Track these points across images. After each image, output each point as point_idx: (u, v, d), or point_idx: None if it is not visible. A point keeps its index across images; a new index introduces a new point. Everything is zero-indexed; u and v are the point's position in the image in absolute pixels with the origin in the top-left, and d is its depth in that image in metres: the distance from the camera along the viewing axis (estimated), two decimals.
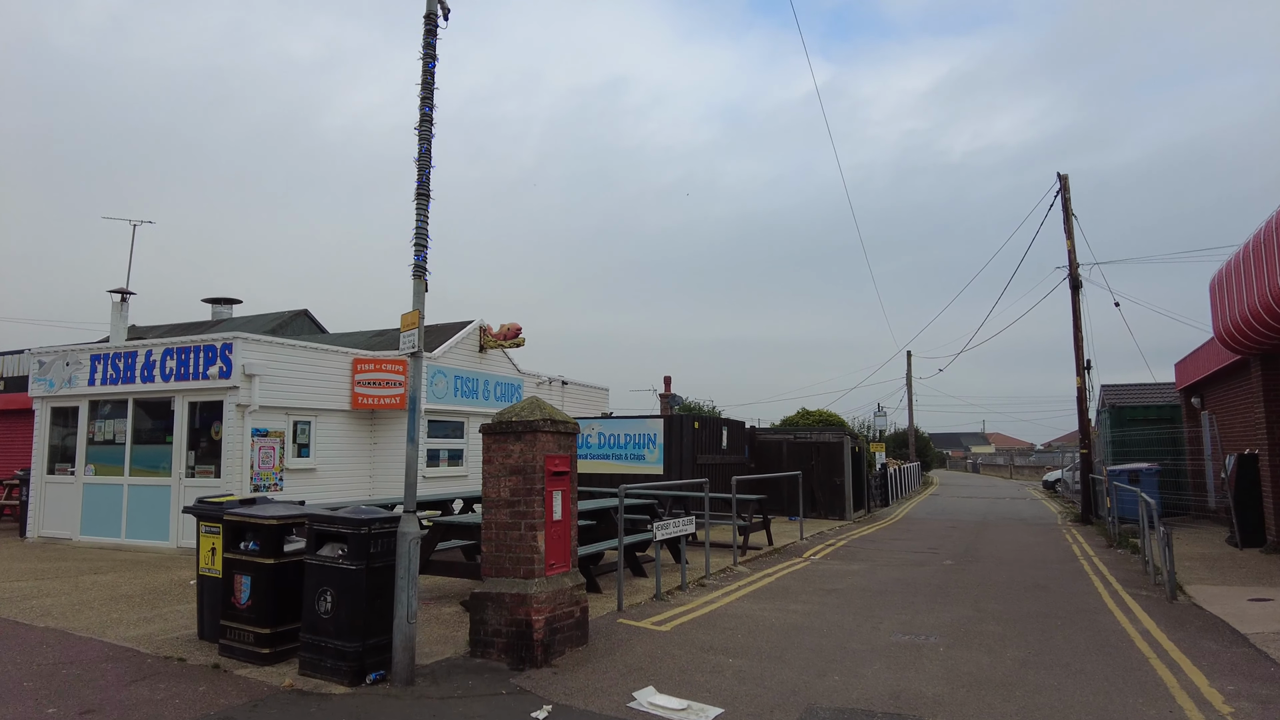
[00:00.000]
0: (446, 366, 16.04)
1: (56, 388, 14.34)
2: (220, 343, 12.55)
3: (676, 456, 17.14)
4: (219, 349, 12.56)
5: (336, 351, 14.47)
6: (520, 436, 6.73)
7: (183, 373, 12.86)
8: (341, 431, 14.56)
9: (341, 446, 14.52)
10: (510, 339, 16.94)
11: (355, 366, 14.74)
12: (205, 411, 12.89)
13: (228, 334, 12.51)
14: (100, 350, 13.88)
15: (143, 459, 13.44)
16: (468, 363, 16.86)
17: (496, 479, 6.80)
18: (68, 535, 14.00)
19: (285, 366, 13.23)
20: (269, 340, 12.99)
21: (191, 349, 12.82)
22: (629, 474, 17.59)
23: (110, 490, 13.60)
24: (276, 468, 13.09)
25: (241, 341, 12.47)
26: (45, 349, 14.62)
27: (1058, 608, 9.07)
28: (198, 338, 12.77)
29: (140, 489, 13.28)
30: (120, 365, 13.59)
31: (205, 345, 12.69)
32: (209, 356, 12.64)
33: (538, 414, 6.86)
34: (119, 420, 13.72)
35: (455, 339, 16.48)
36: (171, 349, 13.04)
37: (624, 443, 17.82)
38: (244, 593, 6.35)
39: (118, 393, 13.62)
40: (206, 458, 12.79)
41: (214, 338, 12.62)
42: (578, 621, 6.93)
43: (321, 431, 14.13)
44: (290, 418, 13.49)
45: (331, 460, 14.28)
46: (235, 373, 12.35)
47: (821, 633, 7.76)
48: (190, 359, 12.82)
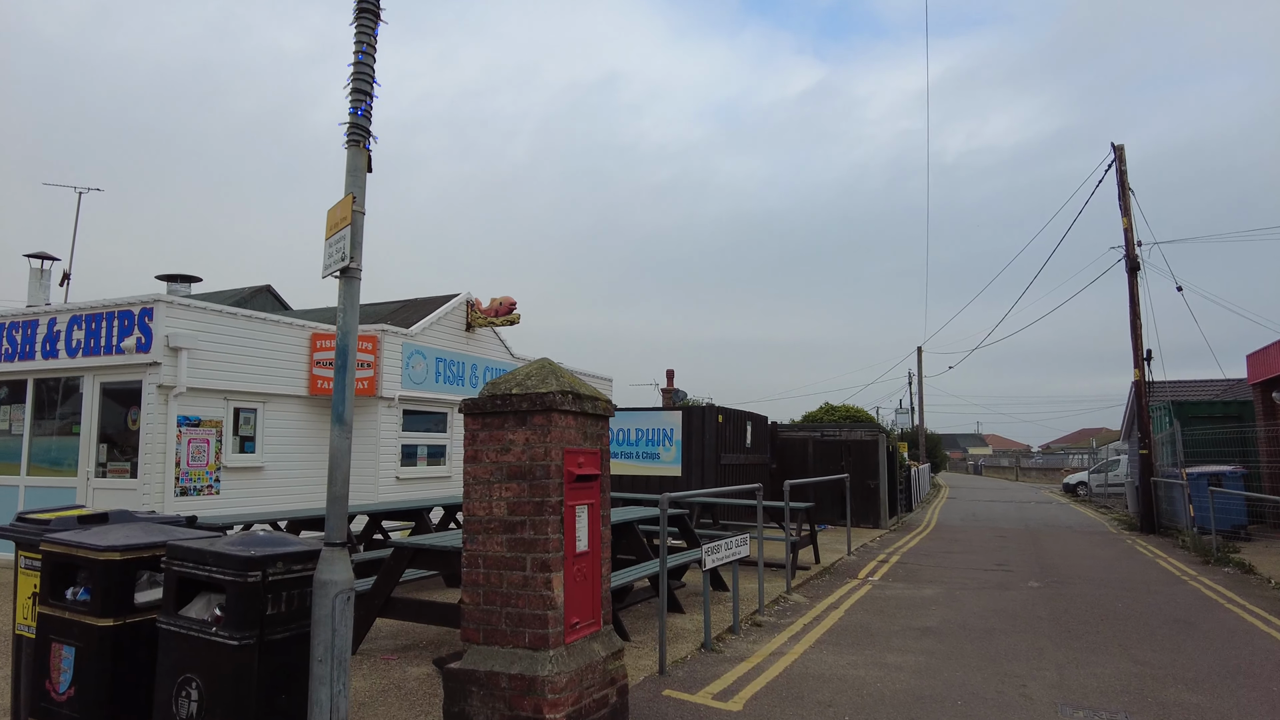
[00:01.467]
0: (426, 346, 13.49)
1: None
2: (139, 307, 9.95)
3: (697, 456, 14.66)
4: (136, 315, 9.96)
5: (290, 324, 11.88)
6: (525, 419, 4.27)
7: (93, 345, 10.25)
8: (296, 422, 11.98)
9: (296, 440, 11.94)
10: (504, 315, 14.40)
11: (314, 343, 12.16)
12: (122, 396, 10.28)
13: (146, 296, 9.92)
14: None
15: (44, 454, 10.82)
16: (452, 342, 14.31)
17: (486, 487, 4.33)
18: None
19: (223, 340, 10.65)
20: (201, 306, 10.41)
21: (103, 315, 10.21)
22: (640, 476, 15.13)
23: (6, 492, 10.98)
24: (211, 465, 10.51)
25: (165, 306, 9.88)
26: None
27: (1241, 659, 6.66)
28: (111, 300, 10.17)
29: (40, 491, 10.67)
30: (17, 337, 10.96)
31: (120, 311, 10.09)
32: (124, 325, 10.04)
33: (552, 384, 4.39)
34: (17, 406, 11.09)
35: (438, 314, 13.92)
36: (80, 316, 10.42)
37: (635, 439, 15.34)
38: (64, 674, 3.82)
39: (14, 371, 10.99)
40: (122, 453, 10.18)
41: (130, 300, 10.02)
42: (614, 710, 4.42)
43: (271, 422, 11.55)
44: (230, 404, 10.90)
45: (283, 457, 11.70)
46: (156, 345, 9.76)
47: (956, 707, 5.30)
48: (102, 329, 10.21)
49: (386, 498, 12.55)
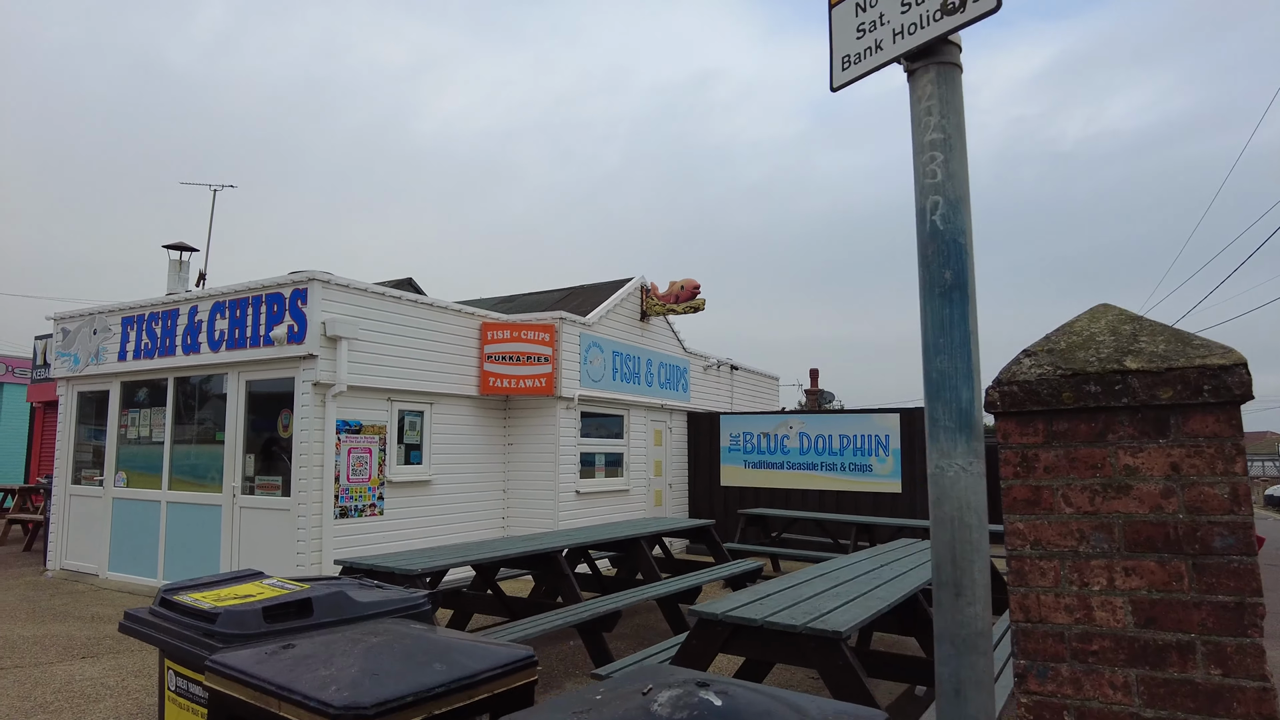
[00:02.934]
0: (603, 337, 11.42)
1: (81, 365, 10.36)
2: (290, 288, 8.19)
3: (924, 469, 12.01)
4: (287, 299, 8.20)
5: (459, 310, 9.99)
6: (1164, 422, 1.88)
7: (237, 337, 8.58)
8: (466, 427, 10.09)
9: (466, 449, 10.04)
10: (685, 301, 12.21)
11: (485, 333, 10.24)
12: (271, 396, 8.57)
13: (299, 275, 8.15)
14: (134, 309, 9.78)
15: (186, 465, 9.25)
16: (627, 334, 12.21)
17: (1071, 565, 1.96)
18: (94, 569, 9.97)
19: (387, 329, 8.81)
20: (361, 287, 8.59)
21: (249, 300, 8.52)
22: (847, 493, 12.64)
23: (144, 509, 9.48)
24: (374, 480, 8.67)
25: (320, 286, 8.08)
26: (71, 313, 10.67)
27: None
28: (257, 283, 8.46)
29: (182, 509, 9.09)
30: (157, 330, 9.44)
31: (269, 294, 8.36)
32: (273, 311, 8.30)
33: (1193, 354, 2.00)
34: (157, 410, 9.58)
35: (612, 300, 11.84)
36: (222, 302, 8.77)
37: (839, 448, 12.85)
38: None
39: (154, 369, 9.48)
40: (273, 465, 8.45)
41: (280, 281, 8.28)
42: None
43: (439, 427, 9.68)
44: (394, 406, 9.06)
45: (452, 469, 9.81)
46: (311, 334, 7.97)
47: None
48: (248, 316, 8.52)
49: (569, 517, 10.51)
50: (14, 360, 21.35)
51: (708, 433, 13.88)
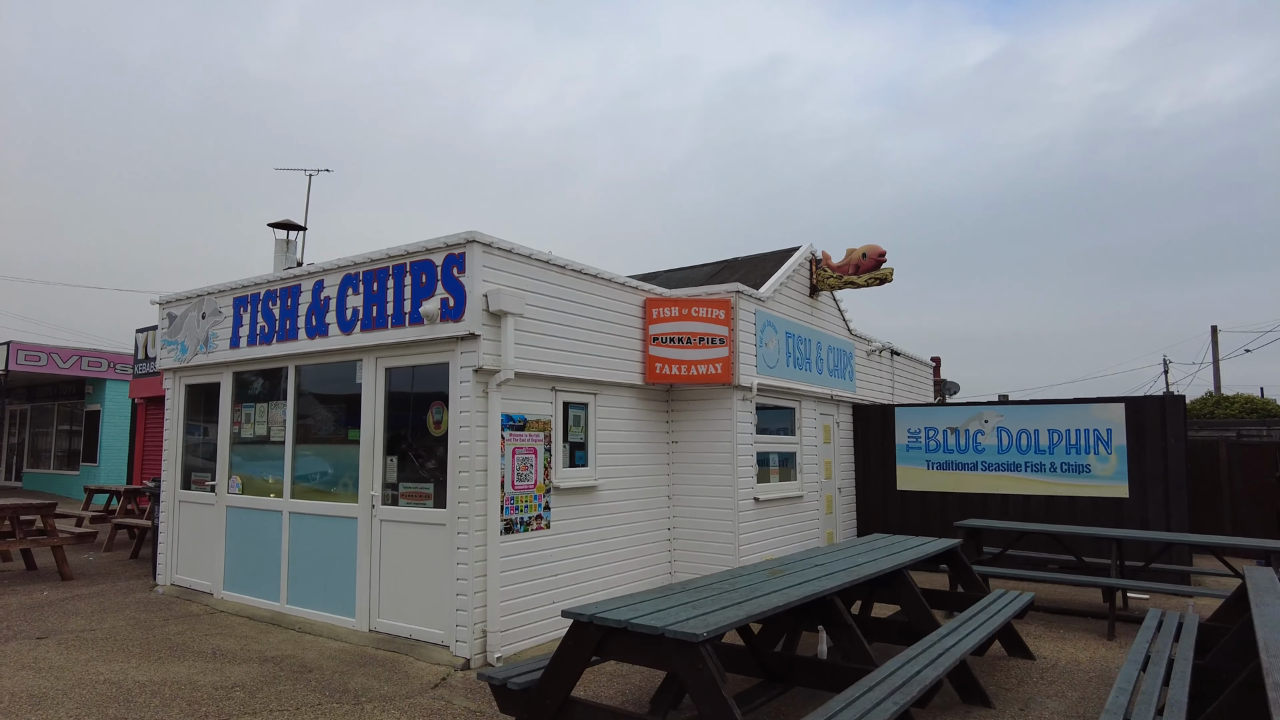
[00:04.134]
0: (776, 315, 9.64)
1: (189, 354, 9.09)
2: (443, 253, 6.65)
3: (1156, 469, 9.94)
4: (439, 267, 6.66)
5: (623, 284, 8.35)
6: None
7: (375, 315, 7.08)
8: (629, 422, 8.45)
9: (630, 448, 8.41)
10: (867, 271, 10.34)
11: (648, 310, 8.58)
12: (415, 386, 7.05)
13: (456, 236, 6.58)
14: (248, 288, 8.42)
15: (312, 469, 7.83)
16: (797, 312, 10.42)
17: None
18: (208, 587, 8.68)
19: (549, 304, 7.22)
20: (525, 253, 6.99)
21: (389, 270, 7.02)
22: (1060, 498, 10.61)
23: (263, 520, 8.11)
24: (540, 486, 7.08)
25: (481, 250, 6.51)
26: (177, 295, 9.42)
27: None
28: (399, 249, 6.95)
29: (308, 521, 7.68)
30: (274, 311, 8.05)
31: (415, 261, 6.84)
32: (421, 282, 6.77)
33: None
34: (276, 404, 8.20)
35: (783, 272, 10.05)
36: (355, 274, 7.30)
37: (1045, 445, 10.81)
38: None
39: (272, 357, 8.10)
40: (421, 469, 6.94)
41: (430, 244, 6.73)
42: None
43: (603, 422, 8.06)
44: (559, 396, 7.47)
45: (617, 473, 8.19)
46: (472, 309, 6.40)
47: None
48: (388, 290, 7.02)
49: (748, 530, 8.79)
50: (116, 356, 20.75)
51: (880, 428, 11.98)
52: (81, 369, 20.24)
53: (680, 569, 8.86)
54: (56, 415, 23.11)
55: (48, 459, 23.35)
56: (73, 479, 21.70)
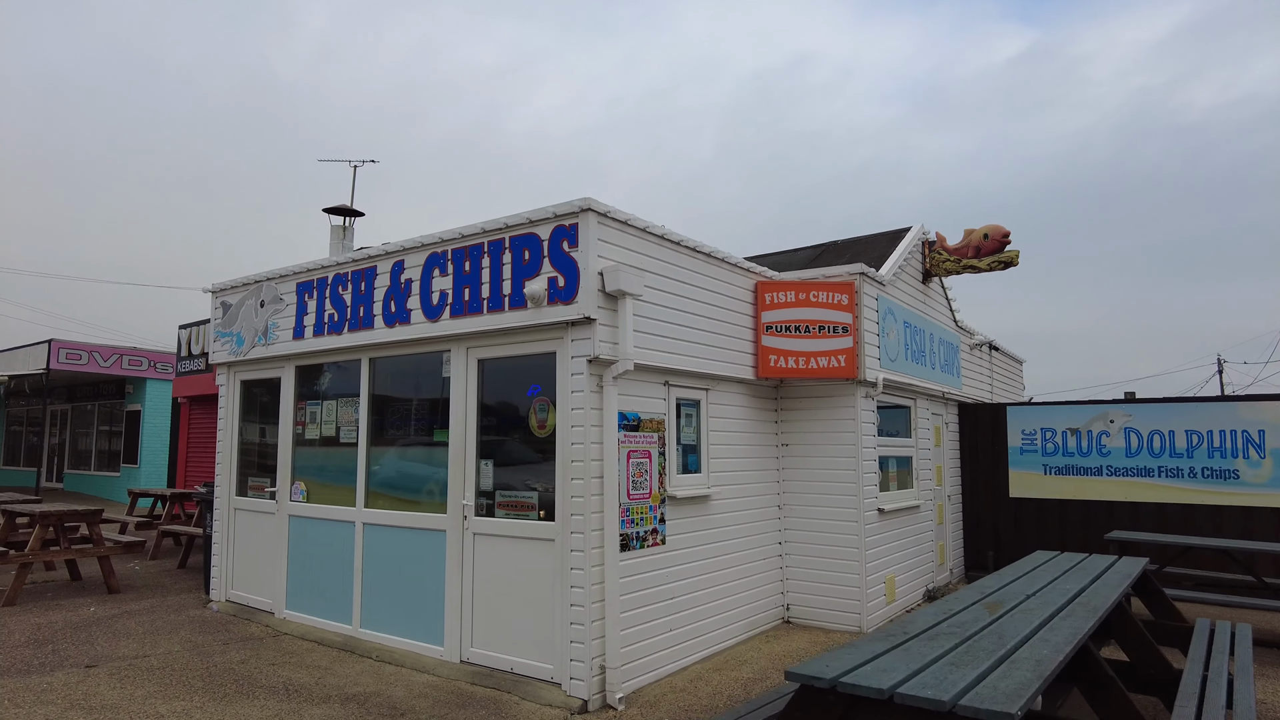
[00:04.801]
0: (895, 303, 8.60)
1: (246, 346, 8.23)
2: (550, 224, 5.70)
3: None
4: (545, 242, 5.71)
5: (735, 266, 7.37)
6: None
7: (467, 299, 6.15)
8: (739, 421, 7.47)
9: (739, 451, 7.42)
10: (989, 254, 9.27)
11: (760, 296, 7.59)
12: (517, 379, 6.11)
13: (565, 205, 5.62)
14: (314, 271, 7.55)
15: (390, 475, 6.92)
16: (913, 299, 9.37)
17: None
18: (268, 605, 7.81)
19: (663, 285, 6.25)
20: (641, 225, 6.02)
21: (484, 247, 6.08)
22: (1202, 506, 9.49)
23: (332, 532, 7.22)
24: (655, 495, 6.11)
25: (596, 220, 5.56)
26: (233, 282, 8.58)
27: None
28: (498, 221, 6.00)
29: (386, 534, 6.77)
30: (345, 297, 7.16)
31: (516, 236, 5.89)
32: (524, 260, 5.83)
33: None
34: (347, 401, 7.31)
35: (900, 254, 9.00)
36: (442, 253, 6.38)
37: (1183, 448, 9.68)
38: None
39: (343, 348, 7.20)
40: (522, 475, 6.00)
41: (536, 214, 5.78)
42: None
43: (714, 422, 7.08)
44: (672, 392, 6.49)
45: (729, 479, 7.22)
46: (586, 289, 5.44)
47: None
48: (482, 270, 6.09)
49: (874, 546, 7.76)
50: (156, 354, 20.13)
51: (990, 429, 10.88)
52: (122, 368, 19.64)
53: (794, 590, 7.85)
54: (97, 416, 22.59)
55: (88, 460, 22.84)
56: (113, 480, 21.13)
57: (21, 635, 7.13)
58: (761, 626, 7.47)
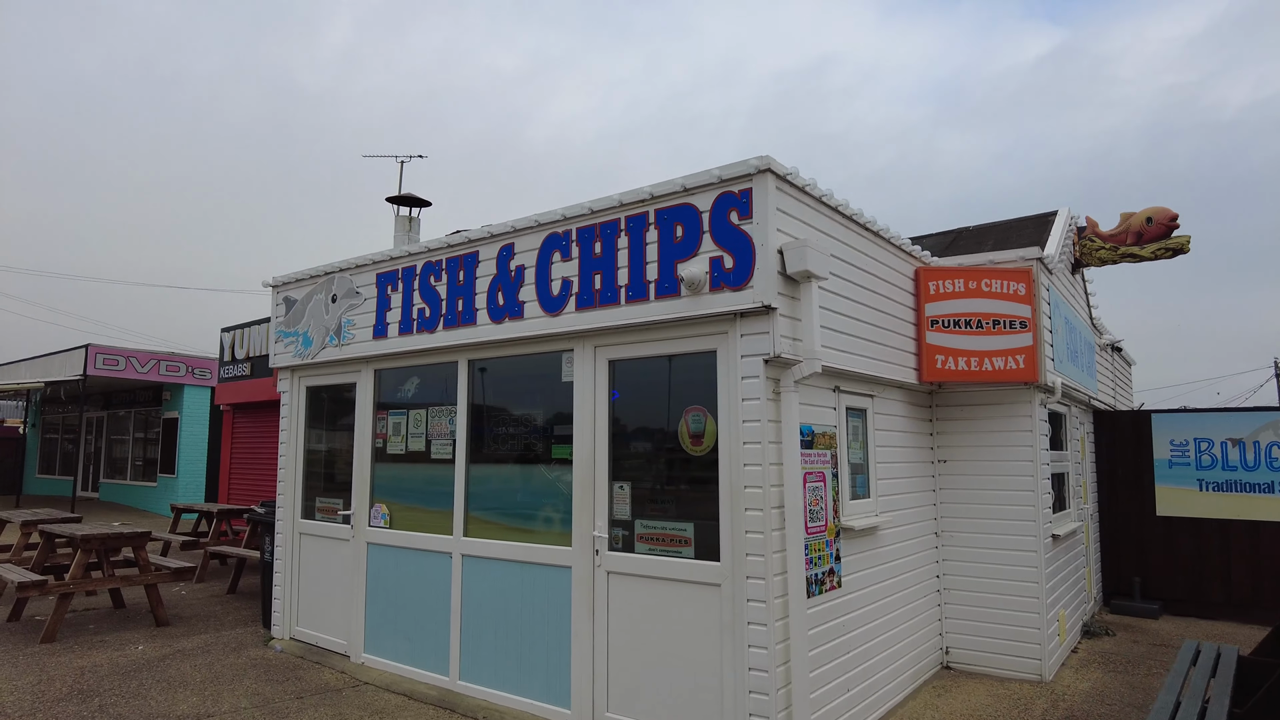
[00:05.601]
0: (1056, 295, 7.41)
1: (315, 347, 7.19)
2: (715, 191, 4.57)
3: None
4: (707, 214, 4.60)
5: (898, 249, 6.23)
6: None
7: (598, 287, 5.05)
8: (899, 434, 6.32)
9: (898, 470, 6.26)
10: (1153, 240, 8.04)
11: (922, 283, 6.44)
12: (657, 384, 5.00)
13: (730, 169, 4.50)
14: (398, 261, 6.49)
15: (497, 498, 5.82)
16: (1066, 292, 8.16)
17: None
18: (342, 647, 6.75)
19: (833, 267, 5.09)
20: (816, 196, 4.89)
21: (620, 225, 4.97)
22: None
23: (423, 564, 6.15)
24: (830, 528, 4.96)
25: (775, 183, 4.43)
26: (298, 275, 7.55)
27: None
28: (639, 192, 4.89)
29: (492, 568, 5.67)
30: (439, 288, 6.09)
31: (667, 208, 4.78)
32: (675, 236, 4.72)
33: None
34: (441, 410, 6.24)
35: (1059, 237, 7.80)
36: (564, 233, 5.28)
37: None
38: None
39: (437, 348, 6.13)
40: (670, 502, 4.88)
41: (697, 181, 4.66)
42: None
43: (880, 435, 5.93)
44: (841, 399, 5.35)
45: (893, 505, 6.07)
46: (763, 270, 4.31)
47: None
48: (618, 253, 4.99)
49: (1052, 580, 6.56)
50: (194, 360, 19.27)
51: (1131, 439, 9.64)
52: (160, 373, 18.80)
53: (955, 630, 6.68)
54: (133, 423, 21.80)
55: (124, 469, 22.05)
56: (150, 491, 20.30)
57: (63, 684, 6.11)
58: (924, 675, 6.31)
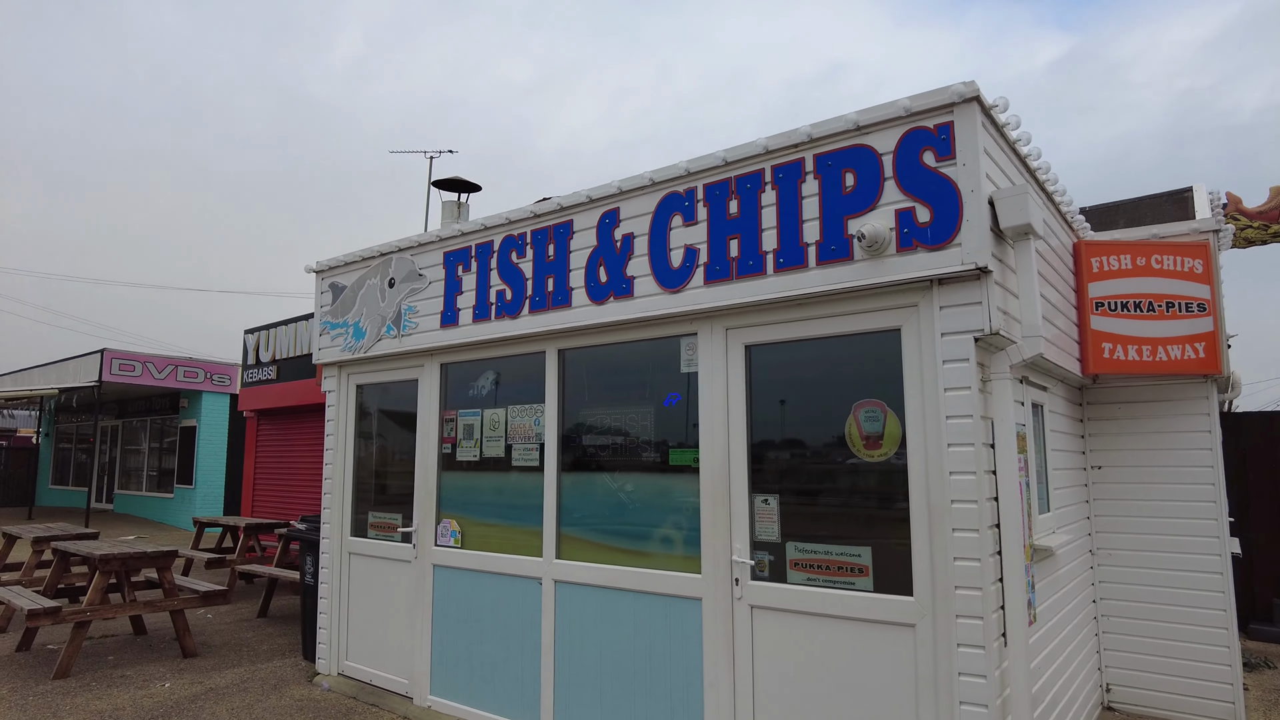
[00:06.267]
0: None
1: (369, 339, 6.27)
2: (898, 129, 3.64)
3: None
4: (888, 156, 3.67)
5: (1061, 216, 5.26)
6: None
7: (735, 256, 4.11)
8: (1061, 436, 5.34)
9: (1060, 478, 5.27)
10: None
11: (1083, 259, 5.48)
12: (807, 374, 4.04)
13: (922, 99, 3.57)
14: (470, 238, 5.56)
15: (599, 513, 4.86)
16: None
17: None
18: (403, 687, 5.80)
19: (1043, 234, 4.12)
20: (1012, 139, 3.94)
21: (765, 176, 4.03)
22: None
23: (504, 590, 5.20)
24: (1027, 549, 3.97)
25: (980, 116, 3.49)
26: (348, 258, 6.65)
27: None
28: (794, 135, 3.95)
29: (593, 597, 4.71)
30: (523, 265, 5.16)
31: (829, 154, 3.83)
32: (846, 186, 3.78)
33: None
34: (522, 409, 5.30)
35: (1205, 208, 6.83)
36: (687, 192, 4.34)
37: None
38: None
39: (519, 336, 5.19)
40: (832, 517, 3.92)
41: (866, 118, 3.72)
42: None
43: (1053, 437, 4.96)
44: (1027, 393, 4.38)
45: (1063, 518, 5.07)
46: (972, 223, 3.37)
47: None
48: (760, 211, 4.06)
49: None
50: (213, 365, 18.43)
51: (1264, 445, 8.63)
52: (177, 380, 17.96)
53: (1117, 665, 5.69)
54: (149, 432, 20.96)
55: (139, 480, 21.21)
56: (167, 503, 19.44)
57: None
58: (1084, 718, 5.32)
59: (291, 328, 12.57)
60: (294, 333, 12.49)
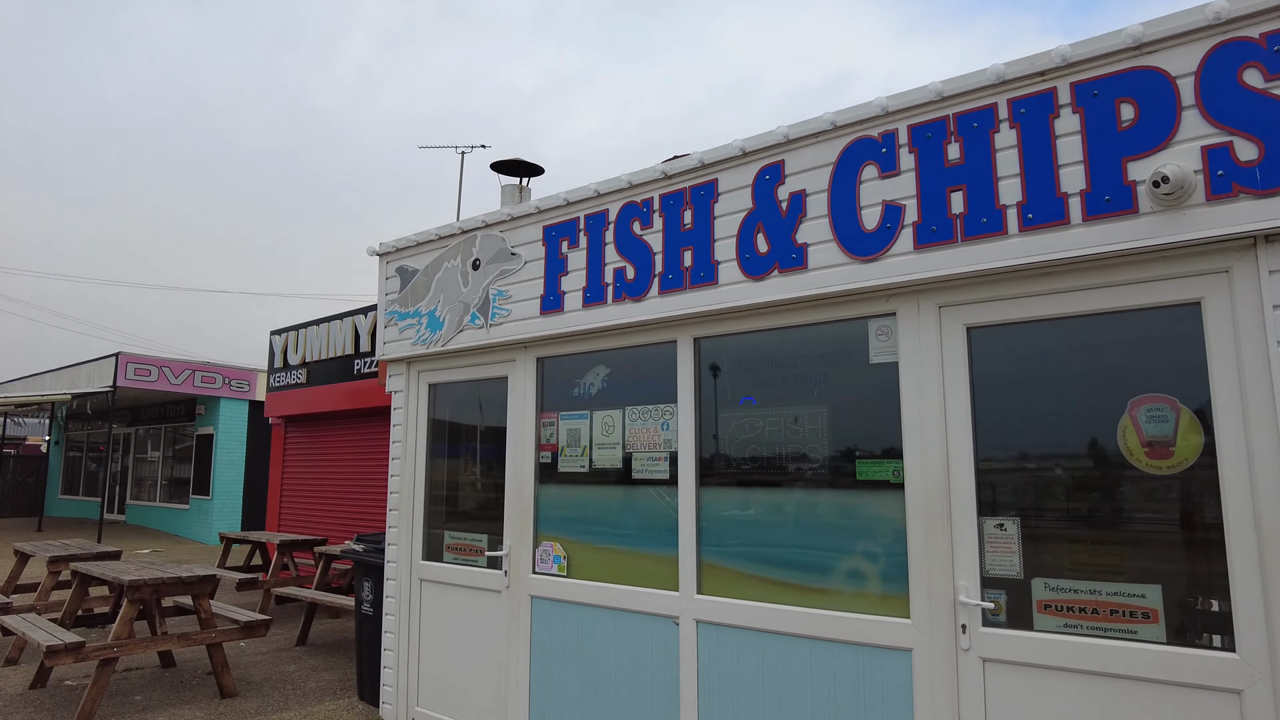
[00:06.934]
0: None
1: (447, 332, 5.40)
2: (1203, 42, 2.80)
3: None
4: (1189, 78, 2.84)
5: None
6: None
7: (957, 213, 3.24)
8: None
9: None
10: None
11: None
12: (1050, 365, 3.16)
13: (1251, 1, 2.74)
14: (576, 208, 4.70)
15: (752, 536, 3.97)
16: None
17: None
18: None
19: None
20: None
21: (996, 111, 3.16)
22: None
23: (626, 630, 4.31)
24: None
25: None
26: (415, 239, 5.79)
27: None
28: (1037, 60, 3.09)
29: (751, 642, 3.81)
30: (649, 238, 4.29)
31: (1090, 80, 2.97)
32: (1122, 120, 2.92)
33: None
34: (645, 411, 4.42)
35: None
36: (884, 136, 3.48)
37: None
38: None
39: (640, 324, 4.32)
40: (1098, 546, 3.04)
41: (1157, 31, 2.86)
42: None
43: None
44: None
45: None
46: None
47: None
48: (998, 156, 3.17)
49: None
50: (230, 370, 17.59)
51: None
52: (194, 385, 17.13)
53: None
54: (163, 440, 20.12)
55: (152, 490, 20.35)
56: (182, 514, 18.58)
57: None
58: None
59: (324, 328, 11.74)
60: (326, 333, 11.66)
